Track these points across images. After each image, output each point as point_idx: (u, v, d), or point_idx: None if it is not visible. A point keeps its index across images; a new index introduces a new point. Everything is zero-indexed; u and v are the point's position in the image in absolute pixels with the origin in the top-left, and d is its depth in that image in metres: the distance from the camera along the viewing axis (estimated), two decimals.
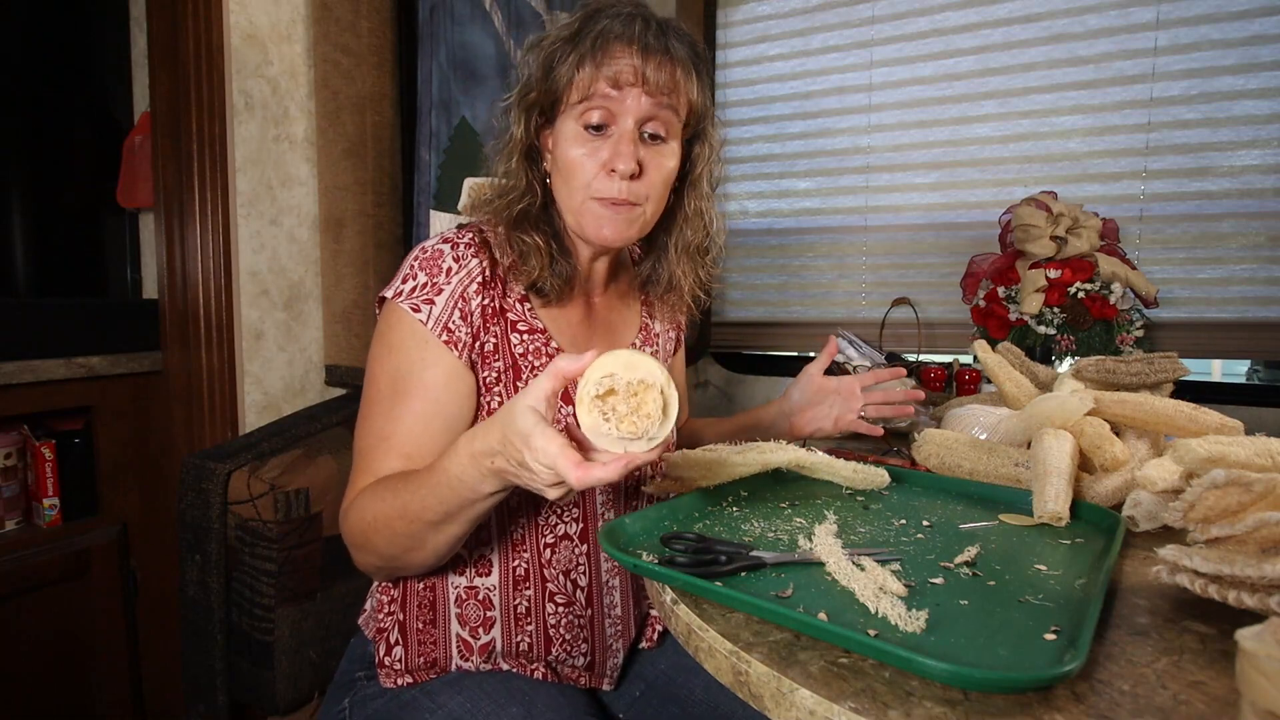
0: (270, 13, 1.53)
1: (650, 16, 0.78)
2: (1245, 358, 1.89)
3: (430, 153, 1.60)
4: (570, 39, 0.77)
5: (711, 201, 0.89)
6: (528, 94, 0.79)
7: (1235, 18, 1.58)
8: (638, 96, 0.75)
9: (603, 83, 0.75)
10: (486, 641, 0.81)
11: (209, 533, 1.21)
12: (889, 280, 1.96)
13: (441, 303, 0.76)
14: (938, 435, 0.93)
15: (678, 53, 0.77)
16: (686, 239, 0.88)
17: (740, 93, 2.11)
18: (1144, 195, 1.68)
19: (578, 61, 0.75)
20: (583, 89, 0.76)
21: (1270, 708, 0.35)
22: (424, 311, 0.75)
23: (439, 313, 0.75)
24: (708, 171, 0.87)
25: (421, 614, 0.82)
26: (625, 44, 0.75)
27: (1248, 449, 0.62)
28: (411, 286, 0.76)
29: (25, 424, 1.42)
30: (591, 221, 0.79)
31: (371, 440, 0.75)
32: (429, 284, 0.76)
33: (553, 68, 0.77)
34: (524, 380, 0.79)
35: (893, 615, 0.49)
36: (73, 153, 1.80)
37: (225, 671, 1.25)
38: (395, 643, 0.82)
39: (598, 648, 0.84)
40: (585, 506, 0.83)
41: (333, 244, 1.64)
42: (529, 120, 0.80)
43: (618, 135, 0.76)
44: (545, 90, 0.78)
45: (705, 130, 0.85)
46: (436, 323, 0.75)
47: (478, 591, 0.81)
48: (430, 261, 0.77)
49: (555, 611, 0.82)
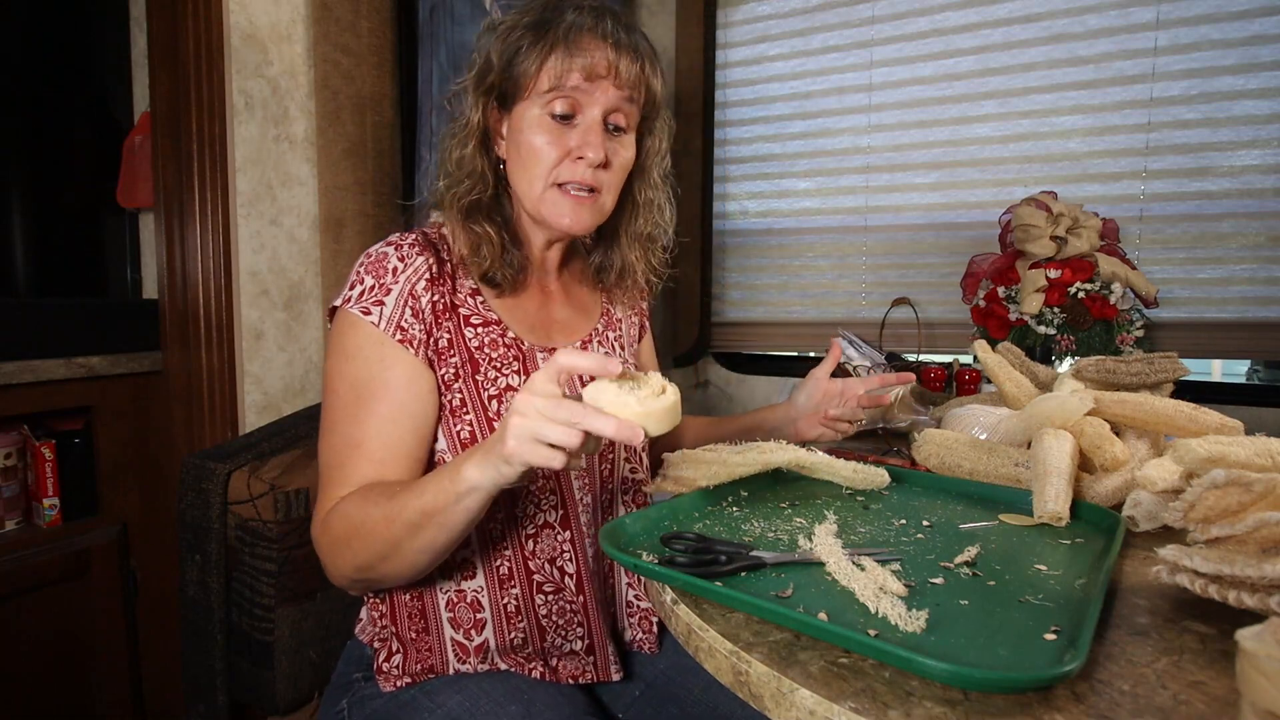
0: (270, 13, 1.53)
1: (617, 12, 0.80)
2: (1245, 358, 1.89)
3: (430, 153, 1.60)
4: (535, 27, 0.78)
5: (661, 191, 0.91)
6: (485, 77, 0.80)
7: (1235, 18, 1.57)
8: (607, 89, 0.78)
9: (576, 74, 0.77)
10: (480, 642, 0.81)
11: (209, 533, 1.21)
12: (889, 280, 1.96)
13: (391, 302, 0.76)
14: (938, 435, 0.93)
15: (643, 48, 0.80)
16: (638, 228, 0.91)
17: (740, 93, 2.11)
18: (1144, 195, 1.68)
19: (547, 51, 0.77)
20: (553, 78, 0.77)
21: (1270, 708, 0.34)
22: (375, 313, 0.75)
23: (390, 313, 0.75)
24: (657, 163, 0.89)
25: (413, 623, 0.82)
26: (598, 38, 0.77)
27: (1248, 449, 0.62)
28: (359, 291, 0.76)
29: (25, 424, 1.42)
30: (552, 210, 0.80)
31: (340, 449, 0.74)
32: (376, 285, 0.76)
33: (517, 54, 0.78)
34: (482, 373, 0.79)
35: (893, 615, 0.49)
36: (73, 153, 1.80)
37: (225, 671, 1.25)
38: (395, 650, 0.82)
39: (595, 630, 0.84)
40: (562, 492, 0.83)
41: (333, 244, 1.64)
42: (485, 104, 0.81)
43: (585, 125, 0.78)
44: (507, 76, 0.79)
45: (653, 123, 0.88)
46: (389, 323, 0.75)
47: (465, 595, 0.81)
48: (376, 265, 0.77)
49: (545, 602, 0.82)
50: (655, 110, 0.86)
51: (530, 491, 0.81)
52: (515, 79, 0.79)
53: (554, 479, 0.82)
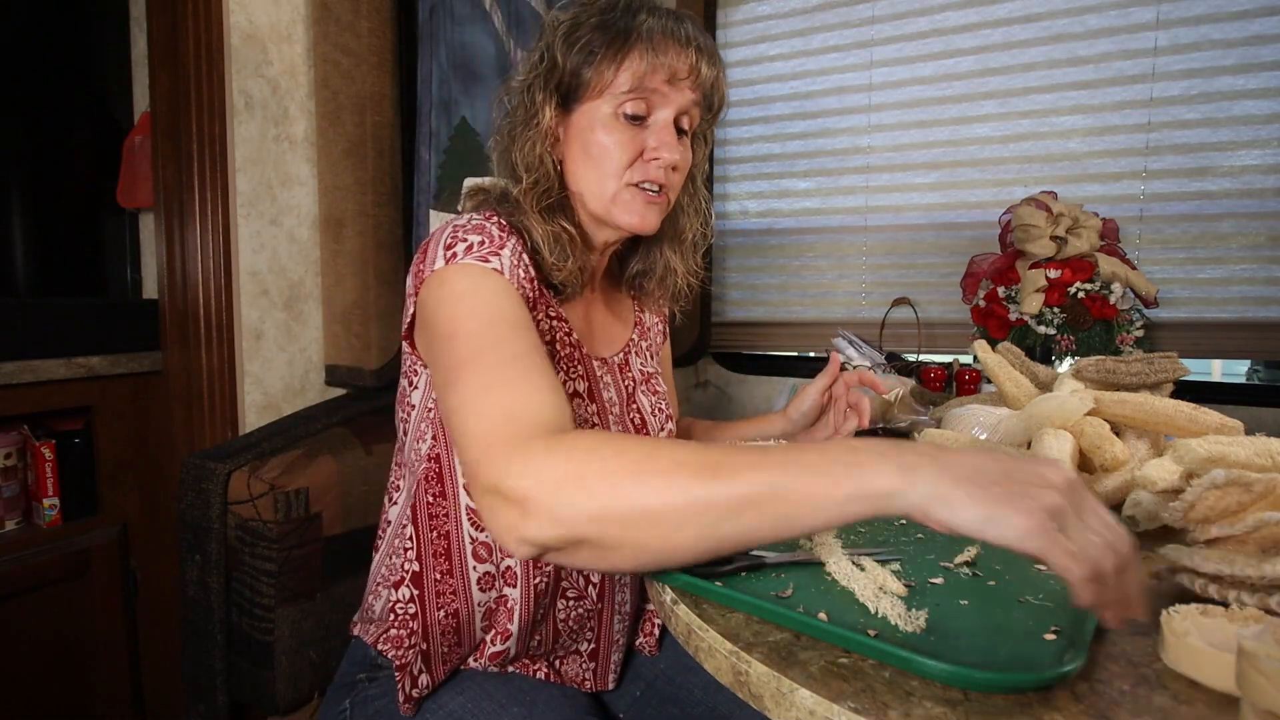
0: (270, 13, 1.53)
1: (690, 16, 0.80)
2: (1245, 358, 1.89)
3: (430, 153, 1.60)
4: (606, 28, 0.76)
5: (702, 194, 0.91)
6: (553, 77, 0.78)
7: (1235, 18, 1.57)
8: (685, 91, 0.78)
9: (659, 76, 0.76)
10: (501, 650, 0.79)
11: (209, 533, 1.21)
12: (889, 280, 1.96)
13: (506, 256, 0.71)
14: (938, 435, 0.93)
15: (717, 53, 0.80)
16: (680, 230, 0.90)
17: (740, 93, 2.11)
18: (1144, 195, 1.68)
19: (628, 51, 0.76)
20: (634, 79, 0.76)
21: (1270, 708, 0.35)
22: (493, 262, 0.70)
23: (507, 264, 0.71)
24: (701, 167, 0.89)
25: (446, 639, 0.79)
26: (680, 42, 0.76)
27: (1248, 449, 0.62)
28: (468, 245, 0.70)
29: (25, 424, 1.42)
30: (625, 209, 0.79)
31: (499, 369, 0.60)
32: (486, 240, 0.71)
33: (591, 55, 0.76)
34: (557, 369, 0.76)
35: (893, 615, 0.49)
36: (73, 153, 1.80)
37: (225, 671, 1.25)
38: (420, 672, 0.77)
39: (603, 636, 0.84)
40: None
41: (333, 244, 1.64)
42: (551, 103, 0.79)
43: (658, 126, 0.78)
44: (576, 76, 0.77)
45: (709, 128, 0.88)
46: (510, 272, 0.71)
47: (506, 601, 0.78)
48: (474, 228, 0.73)
49: (565, 606, 0.81)
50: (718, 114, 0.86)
51: None
52: (586, 79, 0.77)
53: None
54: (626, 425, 0.85)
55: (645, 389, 0.91)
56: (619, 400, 0.86)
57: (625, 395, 0.87)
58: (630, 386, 0.89)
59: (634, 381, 0.90)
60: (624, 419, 0.85)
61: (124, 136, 1.69)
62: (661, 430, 0.90)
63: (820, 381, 0.94)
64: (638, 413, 0.88)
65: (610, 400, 0.84)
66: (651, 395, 0.91)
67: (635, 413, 0.88)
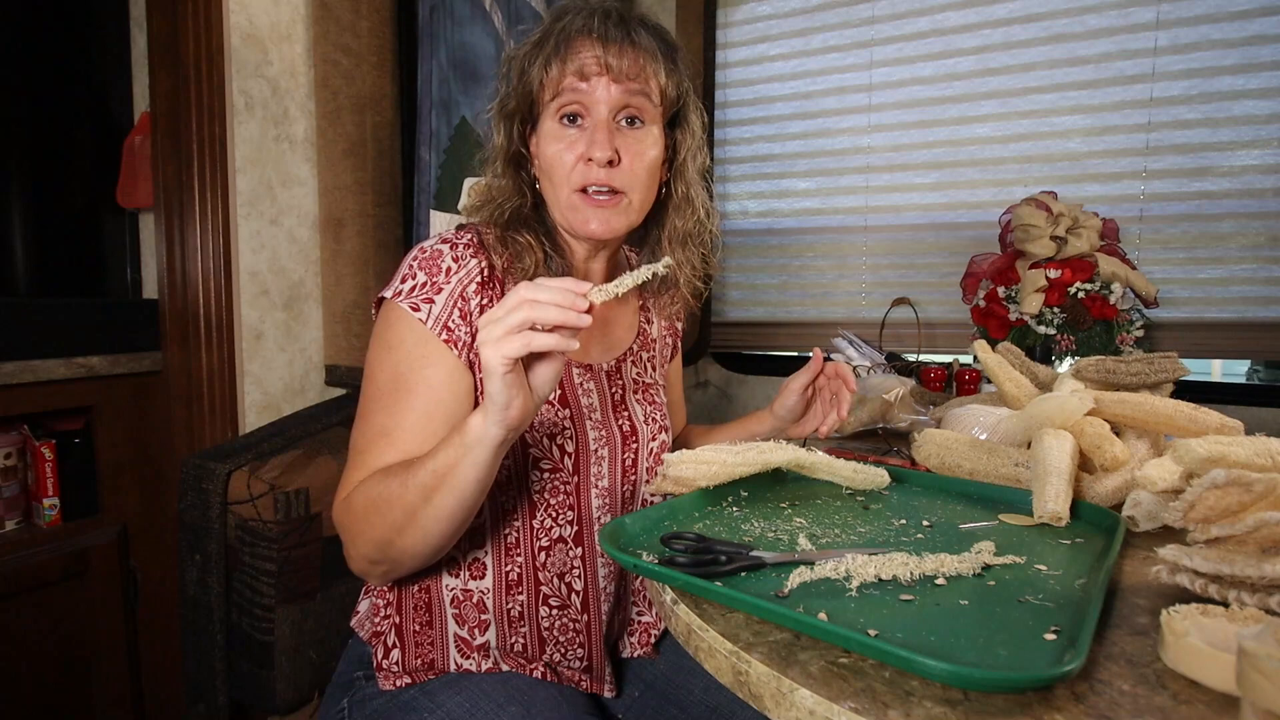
0: (270, 13, 1.53)
1: (613, 9, 0.80)
2: (1245, 358, 1.89)
3: (430, 153, 1.60)
4: (538, 43, 0.80)
5: (700, 188, 0.88)
6: (506, 103, 0.82)
7: (1235, 18, 1.58)
8: (606, 85, 0.77)
9: (570, 76, 0.77)
10: (483, 642, 0.81)
11: (209, 533, 1.21)
12: (889, 280, 1.96)
13: (441, 301, 0.76)
14: (938, 435, 0.93)
15: (641, 40, 0.79)
16: (676, 226, 0.88)
17: (740, 93, 2.11)
18: (1144, 195, 1.68)
19: (545, 61, 0.78)
20: (554, 86, 0.78)
21: (1270, 708, 0.35)
22: (424, 310, 0.75)
23: (439, 311, 0.75)
24: (692, 157, 0.87)
25: (418, 615, 0.82)
26: (586, 36, 0.77)
27: (1248, 449, 0.62)
28: (410, 286, 0.76)
29: (25, 424, 1.42)
30: (577, 216, 0.80)
31: (371, 435, 0.75)
32: (428, 283, 0.76)
33: (524, 72, 0.80)
34: None
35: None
36: (73, 153, 1.80)
37: (225, 671, 1.25)
38: (393, 645, 0.82)
39: (594, 653, 0.84)
40: (580, 509, 0.82)
41: (333, 244, 1.64)
42: (509, 128, 0.82)
43: (593, 125, 0.78)
44: (521, 95, 0.81)
45: (686, 117, 0.86)
46: (436, 321, 0.75)
47: (472, 595, 0.81)
48: (429, 261, 0.77)
49: (549, 614, 0.82)
50: (679, 101, 0.84)
51: (548, 504, 0.80)
52: (527, 95, 0.80)
53: (573, 494, 0.81)
54: (610, 430, 0.85)
55: (640, 397, 0.91)
56: (600, 406, 0.86)
57: (611, 401, 0.87)
58: (618, 394, 0.89)
59: (622, 389, 0.89)
60: (607, 424, 0.85)
61: (124, 136, 1.69)
62: (653, 440, 0.90)
63: (802, 378, 0.93)
64: (627, 419, 0.88)
65: (590, 406, 0.84)
66: (648, 404, 0.91)
67: (625, 419, 0.88)
